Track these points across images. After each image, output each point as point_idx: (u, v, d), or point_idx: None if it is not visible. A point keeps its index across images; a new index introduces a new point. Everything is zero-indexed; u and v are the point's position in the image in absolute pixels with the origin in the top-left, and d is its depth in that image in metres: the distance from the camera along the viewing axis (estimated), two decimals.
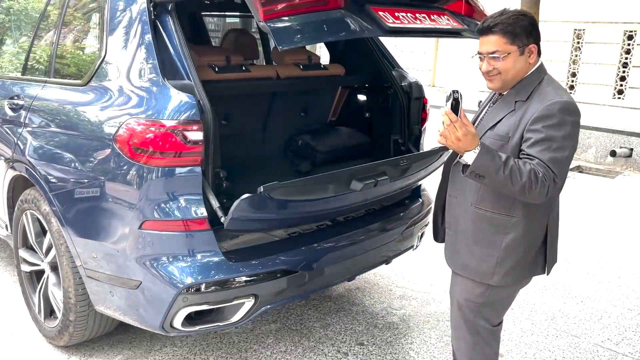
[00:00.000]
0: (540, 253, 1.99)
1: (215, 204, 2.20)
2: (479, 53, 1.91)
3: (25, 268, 2.99)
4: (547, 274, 2.05)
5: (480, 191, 1.92)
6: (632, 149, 7.91)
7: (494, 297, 2.02)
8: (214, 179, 2.27)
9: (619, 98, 8.42)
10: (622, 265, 4.14)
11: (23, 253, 2.98)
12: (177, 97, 2.17)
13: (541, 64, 1.93)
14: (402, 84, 3.17)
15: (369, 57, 3.26)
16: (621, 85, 8.40)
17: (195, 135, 2.17)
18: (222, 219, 2.16)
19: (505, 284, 1.98)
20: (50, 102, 2.70)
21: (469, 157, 1.77)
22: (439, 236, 2.22)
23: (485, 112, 2.04)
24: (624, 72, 8.34)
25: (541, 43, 1.92)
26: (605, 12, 8.26)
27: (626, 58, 8.28)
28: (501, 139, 1.87)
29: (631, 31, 8.15)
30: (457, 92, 1.75)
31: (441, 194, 2.15)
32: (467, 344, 2.11)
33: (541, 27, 7.49)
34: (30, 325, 2.98)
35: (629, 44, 8.22)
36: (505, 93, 1.94)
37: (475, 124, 2.02)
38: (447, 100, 1.76)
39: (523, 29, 1.84)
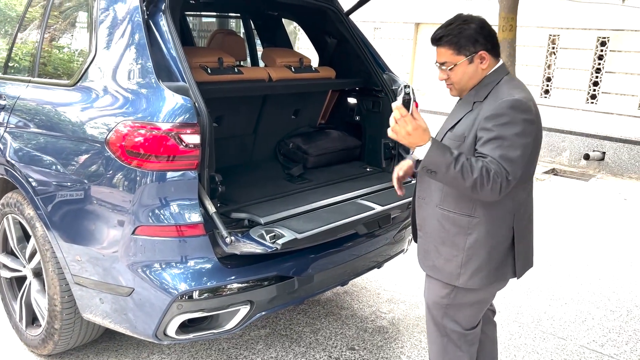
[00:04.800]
0: (509, 255, 1.97)
1: (211, 209, 2.15)
2: (436, 62, 1.95)
3: (5, 274, 2.88)
4: (518, 278, 2.03)
5: (444, 191, 1.93)
6: (604, 153, 8.11)
7: (459, 299, 2.01)
8: (210, 183, 2.22)
9: (592, 103, 8.63)
10: (602, 267, 4.23)
11: (3, 258, 2.87)
12: (172, 100, 2.12)
13: (500, 66, 1.94)
14: (393, 87, 3.15)
15: (359, 60, 3.24)
16: (594, 90, 8.61)
17: (191, 138, 2.11)
18: (227, 239, 2.12)
19: (472, 286, 1.96)
20: (37, 102, 2.60)
21: (420, 152, 1.79)
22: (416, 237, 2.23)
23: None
24: (597, 77, 8.55)
25: (513, 46, 1.95)
26: (579, 18, 8.46)
27: (599, 64, 8.49)
28: (458, 139, 1.89)
29: (604, 37, 8.36)
30: (409, 86, 1.84)
31: (415, 198, 2.16)
32: (438, 346, 2.11)
33: (517, 32, 7.58)
34: (11, 333, 2.87)
35: (601, 50, 8.43)
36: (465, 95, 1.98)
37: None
38: (398, 95, 1.82)
39: (468, 39, 1.86)
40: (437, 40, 1.91)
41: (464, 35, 1.86)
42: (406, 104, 1.79)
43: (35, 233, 2.51)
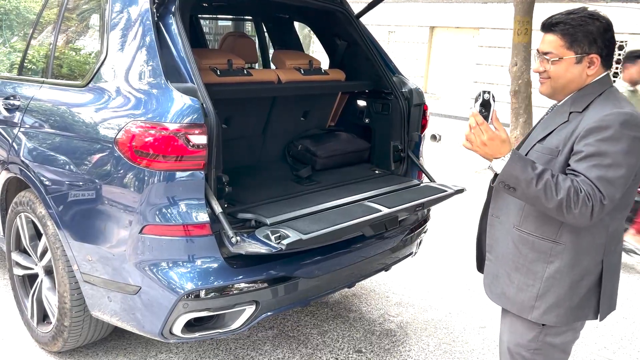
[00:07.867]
0: (593, 294, 1.71)
1: (217, 209, 2.17)
2: (537, 50, 1.74)
3: (18, 272, 2.93)
4: (600, 320, 1.75)
5: (524, 211, 1.72)
6: None
7: (549, 341, 1.76)
8: (217, 184, 2.24)
9: None
10: None
11: (16, 256, 2.92)
12: (181, 100, 2.14)
13: (605, 76, 1.70)
14: (403, 90, 3.16)
15: (369, 63, 3.25)
16: None
17: (199, 139, 2.13)
18: (233, 239, 2.14)
19: (546, 322, 1.74)
20: (50, 102, 2.65)
21: (497, 165, 1.61)
22: (483, 265, 1.95)
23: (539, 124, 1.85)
24: (614, 81, 8.46)
25: (529, 50, 1.82)
26: None
27: (616, 68, 8.39)
28: (550, 152, 1.67)
29: (622, 41, 8.26)
30: (489, 92, 1.63)
31: (485, 215, 1.92)
32: None
33: (534, 35, 7.51)
34: (22, 330, 2.92)
35: (619, 54, 8.32)
36: (560, 103, 1.75)
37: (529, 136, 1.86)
38: (476, 101, 1.64)
39: (586, 35, 1.63)
40: (550, 25, 1.67)
41: (584, 30, 1.63)
42: (485, 111, 1.62)
43: (46, 231, 2.55)
